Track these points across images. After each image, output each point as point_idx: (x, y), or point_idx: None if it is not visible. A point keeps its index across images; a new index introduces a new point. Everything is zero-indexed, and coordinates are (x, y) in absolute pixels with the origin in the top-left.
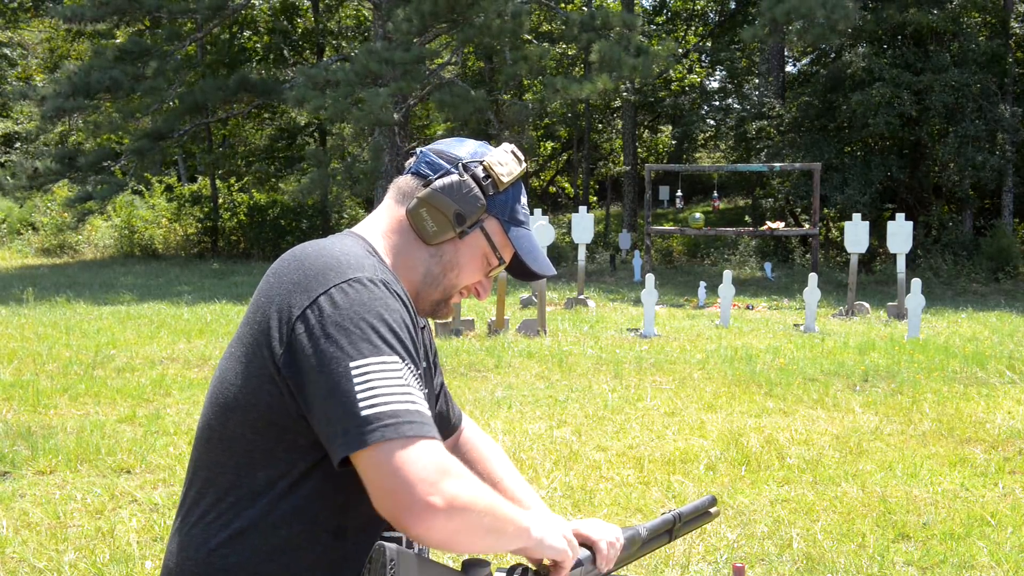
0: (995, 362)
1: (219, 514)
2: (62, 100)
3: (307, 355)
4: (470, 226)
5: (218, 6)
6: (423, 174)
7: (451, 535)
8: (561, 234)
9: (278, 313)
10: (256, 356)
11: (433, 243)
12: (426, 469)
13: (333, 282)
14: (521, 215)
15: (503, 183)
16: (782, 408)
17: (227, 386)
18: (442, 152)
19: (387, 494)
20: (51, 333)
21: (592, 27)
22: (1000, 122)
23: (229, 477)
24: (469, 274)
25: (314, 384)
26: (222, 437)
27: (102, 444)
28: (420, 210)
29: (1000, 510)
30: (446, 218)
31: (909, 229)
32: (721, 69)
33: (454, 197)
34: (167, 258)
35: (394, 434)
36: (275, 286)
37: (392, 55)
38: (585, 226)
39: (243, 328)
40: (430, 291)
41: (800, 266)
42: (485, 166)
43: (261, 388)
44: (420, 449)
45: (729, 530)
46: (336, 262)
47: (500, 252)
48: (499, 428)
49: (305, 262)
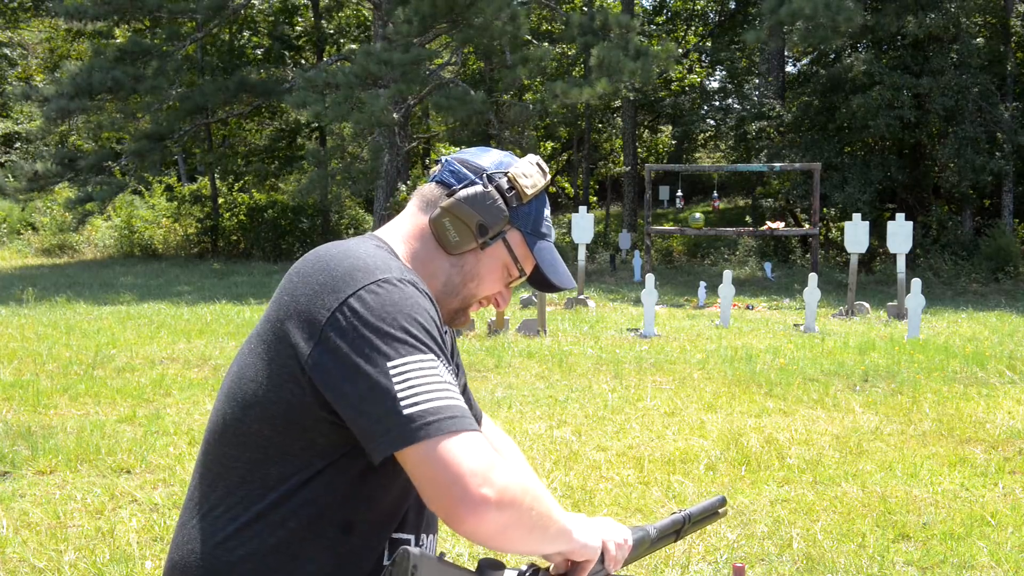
0: (995, 362)
1: (228, 507)
2: (65, 101)
3: (341, 355)
4: (492, 237)
5: (218, 6)
6: (447, 183)
7: (502, 529)
8: (561, 234)
9: (305, 313)
10: (279, 355)
11: (455, 253)
12: (475, 461)
13: (362, 283)
14: (544, 228)
15: (527, 195)
16: (782, 408)
17: (246, 382)
18: (466, 162)
19: (439, 488)
20: (51, 333)
21: (591, 29)
22: (1000, 124)
23: (241, 472)
24: (489, 285)
25: (350, 384)
26: (237, 432)
27: (102, 444)
28: (443, 219)
29: (1000, 510)
30: (468, 228)
31: (909, 229)
32: (721, 69)
33: (477, 208)
34: (167, 258)
35: (438, 431)
36: (300, 286)
37: (391, 56)
38: (585, 226)
39: (263, 325)
40: (449, 300)
41: (800, 266)
42: (510, 177)
43: (283, 387)
44: (465, 441)
45: (729, 530)
46: (363, 263)
47: (521, 264)
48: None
49: (331, 263)
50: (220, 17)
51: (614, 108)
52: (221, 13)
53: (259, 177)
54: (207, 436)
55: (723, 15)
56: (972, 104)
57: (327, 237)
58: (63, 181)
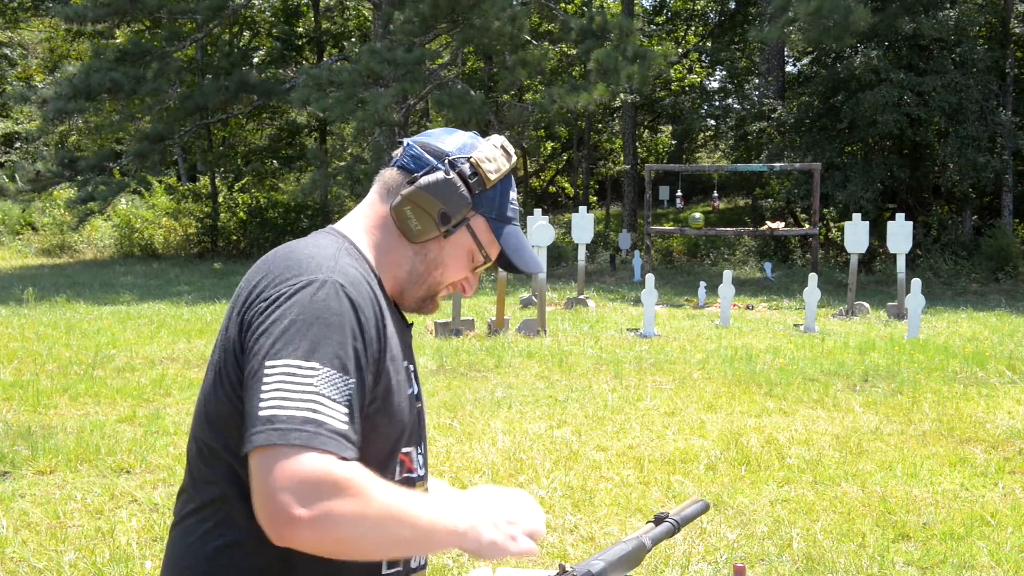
0: (995, 362)
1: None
2: (63, 102)
3: (251, 342)
4: (455, 225)
5: (218, 6)
6: (408, 169)
7: (322, 546)
8: (561, 234)
9: (239, 316)
10: (224, 366)
11: (417, 241)
12: (297, 478)
13: (290, 284)
14: (510, 212)
15: (491, 180)
16: (782, 408)
17: (207, 398)
18: (427, 145)
19: (259, 498)
20: (51, 333)
21: (591, 32)
22: (1000, 125)
23: (215, 491)
24: (454, 272)
25: (247, 369)
26: (207, 451)
27: (102, 444)
28: (404, 208)
29: (1000, 510)
30: (430, 217)
31: (909, 229)
32: (721, 69)
33: (439, 196)
34: (167, 258)
35: (280, 439)
36: (243, 289)
37: (394, 55)
38: (585, 226)
39: (220, 335)
40: (415, 288)
41: (800, 266)
42: (473, 162)
43: (231, 402)
44: (302, 460)
45: (729, 530)
46: (298, 264)
47: (486, 250)
48: (499, 428)
49: (272, 264)
50: (220, 18)
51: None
52: (221, 13)
53: (259, 177)
54: (188, 443)
55: (723, 15)
56: (975, 104)
57: None
58: (63, 181)
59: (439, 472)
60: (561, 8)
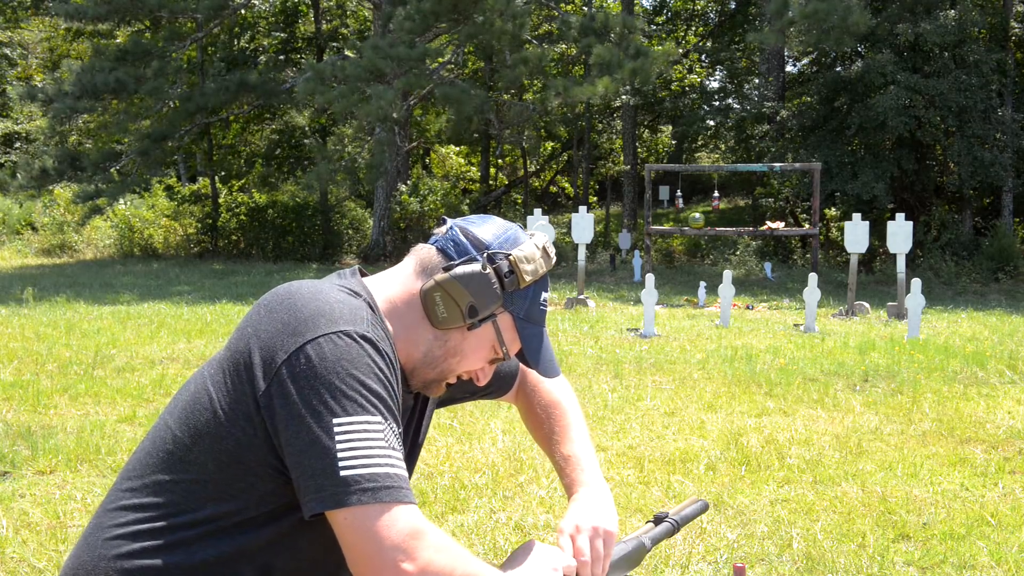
0: (995, 362)
1: (150, 523)
2: (72, 101)
3: (291, 401)
4: (481, 320)
5: (219, 6)
6: (447, 253)
7: None
8: (561, 234)
9: (264, 350)
10: (235, 388)
11: (440, 328)
12: (400, 534)
13: (323, 331)
14: (537, 314)
15: (525, 281)
16: (782, 408)
17: (201, 409)
18: (469, 233)
19: (361, 556)
20: (51, 333)
21: (592, 30)
22: (1001, 124)
23: (175, 496)
24: (471, 362)
25: (294, 433)
26: (184, 459)
27: (102, 444)
28: (434, 294)
29: (1000, 510)
30: (458, 308)
31: (909, 229)
32: (721, 69)
33: (471, 289)
34: (167, 258)
35: (371, 499)
36: (264, 320)
37: (397, 51)
38: (585, 226)
39: (225, 353)
40: (426, 371)
41: (800, 266)
42: (512, 260)
43: (236, 423)
44: (396, 515)
45: (729, 530)
46: (329, 309)
47: (507, 347)
48: (499, 428)
49: (299, 303)
50: (220, 18)
51: (614, 108)
52: (221, 14)
53: (259, 178)
54: (147, 445)
55: (723, 15)
56: (979, 103)
57: (328, 237)
58: (67, 180)
59: (439, 472)
60: (561, 8)
